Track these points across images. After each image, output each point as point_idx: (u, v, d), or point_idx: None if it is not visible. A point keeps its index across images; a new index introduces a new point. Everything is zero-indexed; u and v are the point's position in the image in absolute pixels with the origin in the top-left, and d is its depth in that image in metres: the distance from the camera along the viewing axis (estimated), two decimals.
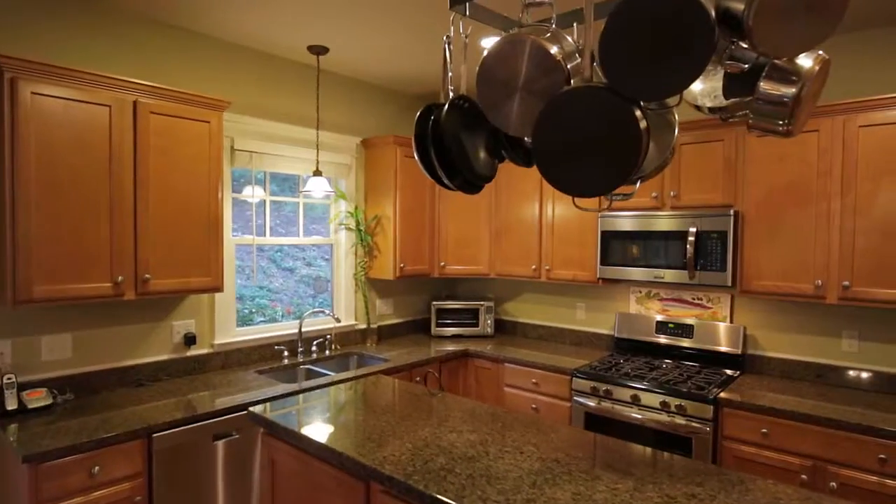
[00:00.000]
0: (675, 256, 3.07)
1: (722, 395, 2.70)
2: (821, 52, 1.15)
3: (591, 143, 1.26)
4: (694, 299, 3.40)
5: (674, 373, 3.07)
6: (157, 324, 2.87)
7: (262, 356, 3.32)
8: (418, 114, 1.63)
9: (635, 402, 2.93)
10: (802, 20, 0.99)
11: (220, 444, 2.47)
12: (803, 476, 2.46)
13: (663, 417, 2.83)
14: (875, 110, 2.53)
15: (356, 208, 3.83)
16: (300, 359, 3.39)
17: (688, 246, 2.98)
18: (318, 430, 1.98)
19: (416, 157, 1.63)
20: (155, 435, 2.26)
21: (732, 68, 1.19)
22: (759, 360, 3.17)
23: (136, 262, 2.48)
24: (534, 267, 3.78)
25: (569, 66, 1.33)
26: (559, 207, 3.65)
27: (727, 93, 1.27)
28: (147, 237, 2.51)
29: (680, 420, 2.78)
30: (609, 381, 3.02)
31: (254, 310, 3.44)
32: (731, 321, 3.26)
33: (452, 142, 1.57)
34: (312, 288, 3.76)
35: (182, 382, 2.84)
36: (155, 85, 2.50)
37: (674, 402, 2.80)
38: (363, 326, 3.93)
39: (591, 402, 3.09)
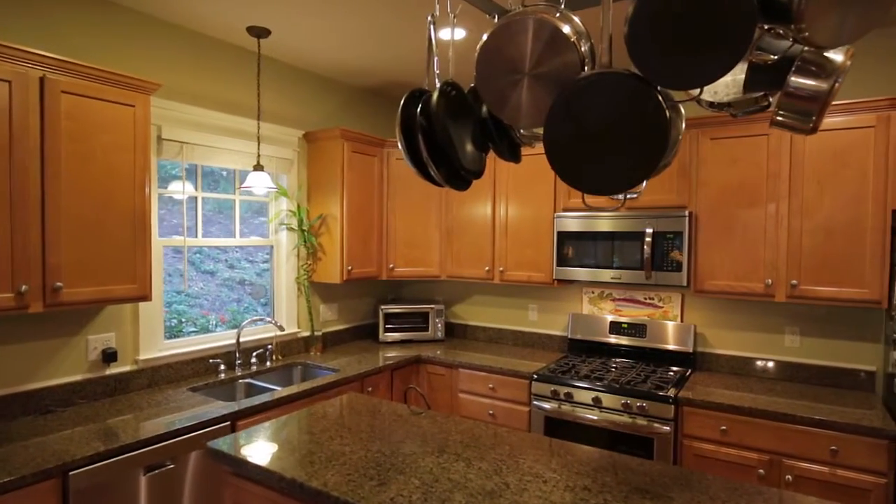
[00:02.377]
0: (631, 257, 3.08)
1: (682, 394, 2.72)
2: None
3: (613, 135, 1.14)
4: (646, 299, 3.43)
5: (631, 373, 3.07)
6: (69, 339, 2.47)
7: (195, 371, 2.97)
8: (403, 99, 1.46)
9: (597, 404, 2.89)
10: (855, 5, 0.92)
11: (151, 477, 2.15)
12: (760, 471, 2.52)
13: (624, 419, 2.81)
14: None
15: (299, 207, 3.55)
16: (239, 372, 3.07)
17: (645, 247, 2.99)
18: (302, 468, 1.67)
19: (401, 147, 1.45)
20: (71, 473, 1.91)
21: (759, 59, 1.12)
22: (708, 357, 3.24)
23: (45, 268, 2.10)
24: (487, 268, 3.68)
25: (582, 49, 1.20)
26: (513, 207, 3.57)
27: (749, 86, 1.21)
28: (58, 239, 2.13)
29: (641, 421, 2.77)
30: (570, 384, 2.97)
31: (183, 319, 3.08)
32: (682, 320, 3.32)
33: (443, 131, 1.40)
34: (250, 294, 3.44)
35: (101, 406, 2.46)
36: (67, 59, 2.13)
37: (635, 402, 2.79)
38: (307, 334, 3.65)
39: (552, 406, 3.02)
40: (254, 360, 3.20)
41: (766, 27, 1.07)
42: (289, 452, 1.80)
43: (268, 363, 3.29)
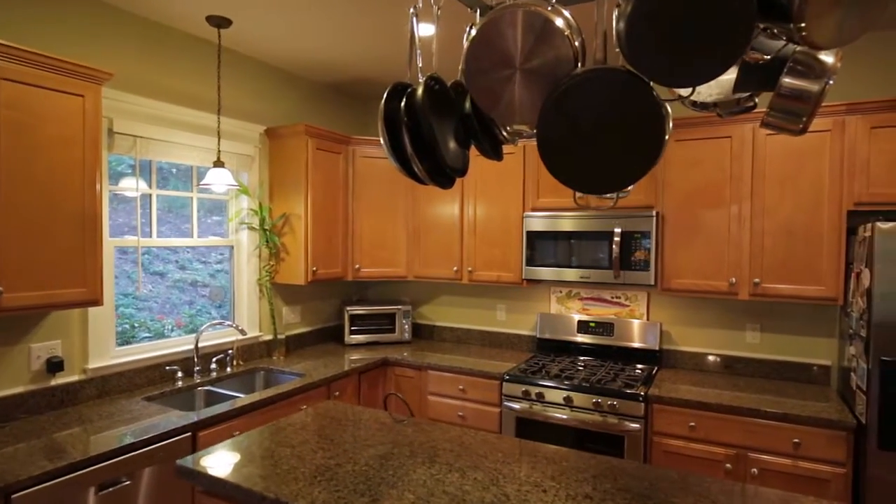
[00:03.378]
0: (600, 256, 3.10)
1: (651, 391, 2.76)
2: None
3: (609, 132, 1.12)
4: (613, 298, 3.47)
5: (600, 371, 3.10)
6: (9, 348, 2.27)
7: (149, 379, 2.80)
8: (386, 92, 1.39)
9: (568, 403, 2.90)
10: (855, 5, 0.92)
11: (105, 496, 1.99)
12: (728, 465, 2.57)
13: (595, 418, 2.83)
14: None
15: (260, 205, 3.40)
16: (198, 379, 2.91)
17: (613, 246, 3.02)
18: (286, 486, 1.55)
19: (384, 142, 1.38)
20: (15, 495, 1.74)
21: (751, 58, 1.12)
22: (673, 354, 3.31)
23: None
24: (455, 268, 3.64)
25: (575, 43, 1.17)
26: (481, 207, 3.54)
27: (740, 86, 1.21)
28: None
29: (612, 419, 2.79)
30: (541, 384, 2.97)
31: (136, 324, 2.89)
32: (648, 318, 3.38)
33: (428, 127, 1.35)
34: (208, 297, 3.28)
35: (46, 420, 2.28)
36: (8, 44, 1.95)
37: (606, 401, 2.80)
38: (269, 338, 3.51)
39: (523, 406, 3.01)
40: (213, 366, 3.05)
41: (762, 26, 1.07)
42: (269, 468, 1.68)
43: (228, 369, 3.14)
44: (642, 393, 2.74)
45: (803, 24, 0.95)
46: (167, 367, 2.86)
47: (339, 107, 4.12)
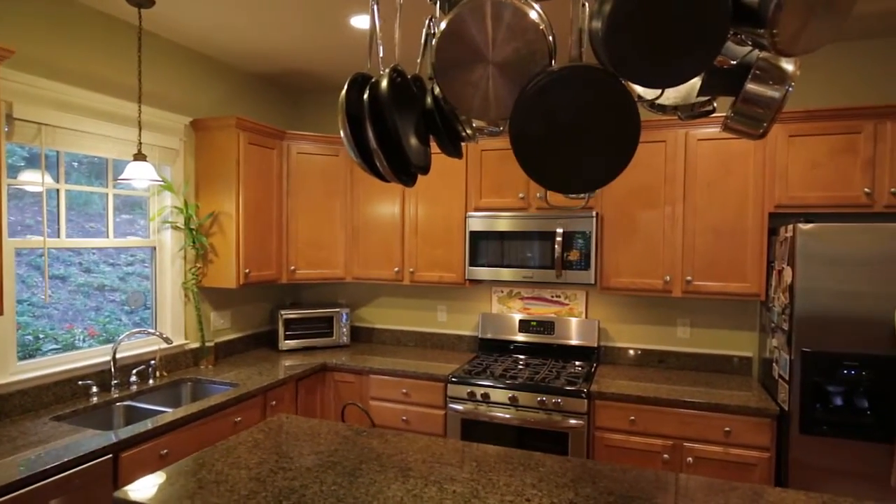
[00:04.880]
0: (543, 256, 3.14)
1: (593, 388, 2.82)
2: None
3: (585, 131, 1.10)
4: (553, 297, 3.53)
5: (543, 370, 3.14)
6: None
7: (58, 396, 2.50)
8: (347, 83, 1.30)
9: (514, 403, 2.91)
10: (822, 14, 0.96)
11: None
12: (665, 455, 2.68)
13: (540, 416, 2.86)
14: (710, 126, 2.87)
15: (186, 203, 3.15)
16: (116, 394, 2.64)
17: (556, 246, 3.06)
18: None
19: (344, 135, 1.29)
20: None
21: (719, 62, 1.14)
22: (610, 350, 3.42)
23: None
24: (396, 269, 3.56)
25: (549, 38, 1.15)
26: (424, 207, 3.49)
27: (704, 89, 1.23)
28: None
29: (557, 417, 2.83)
30: (487, 385, 2.96)
31: (41, 336, 2.58)
32: (586, 316, 3.47)
33: (394, 122, 1.27)
34: (126, 303, 2.99)
35: None
36: None
37: (551, 399, 2.84)
38: (196, 345, 3.26)
39: (468, 408, 2.98)
40: (134, 378, 2.78)
41: (732, 31, 1.09)
42: (226, 495, 1.51)
43: (151, 381, 2.87)
44: (585, 390, 2.80)
45: (776, 31, 0.97)
46: (80, 382, 2.57)
47: (271, 99, 3.91)
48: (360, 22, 2.79)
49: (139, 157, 2.58)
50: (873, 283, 2.30)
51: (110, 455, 2.05)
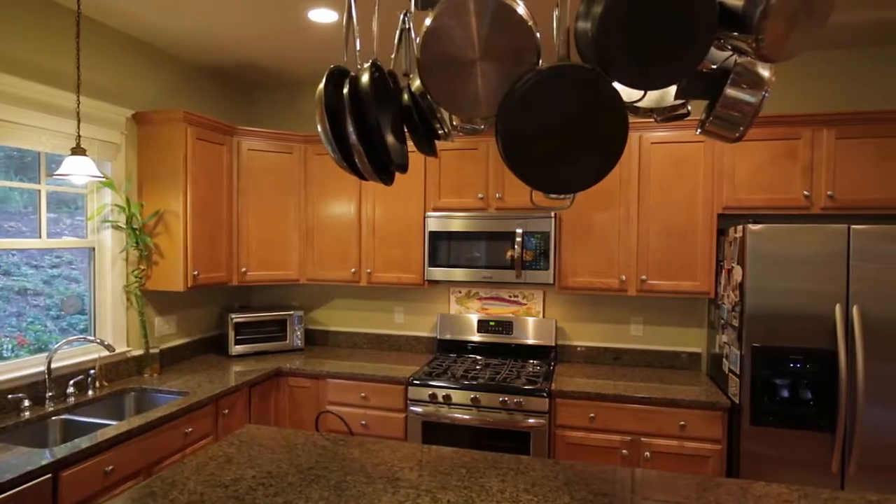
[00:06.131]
0: (502, 256, 3.15)
1: (554, 387, 2.86)
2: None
3: (574, 131, 1.09)
4: (511, 297, 3.56)
5: (503, 370, 3.15)
6: None
7: None
8: (325, 76, 1.24)
9: (475, 403, 2.90)
10: (803, 22, 1.00)
11: None
12: (624, 451, 2.75)
13: (503, 416, 2.86)
14: (663, 130, 2.97)
15: (128, 201, 2.95)
16: (51, 407, 2.43)
17: (515, 246, 3.08)
18: None
19: (322, 129, 1.23)
20: None
21: (700, 66, 1.16)
22: (567, 349, 3.48)
23: None
24: (353, 270, 3.48)
25: (536, 35, 1.14)
26: (381, 206, 3.42)
27: (682, 93, 1.26)
28: None
29: (519, 416, 2.85)
30: (448, 387, 2.93)
31: None
32: (544, 316, 3.51)
33: (375, 118, 1.23)
34: (62, 308, 2.76)
35: None
36: None
37: (513, 399, 2.85)
38: (139, 353, 3.06)
39: (429, 410, 2.95)
40: (71, 389, 2.57)
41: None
42: None
43: (90, 392, 2.67)
44: (547, 389, 2.83)
45: (761, 37, 1.00)
46: (9, 396, 2.35)
47: (221, 94, 3.73)
48: (319, 16, 2.70)
49: (78, 151, 2.38)
50: (816, 280, 2.44)
51: (49, 475, 1.88)
